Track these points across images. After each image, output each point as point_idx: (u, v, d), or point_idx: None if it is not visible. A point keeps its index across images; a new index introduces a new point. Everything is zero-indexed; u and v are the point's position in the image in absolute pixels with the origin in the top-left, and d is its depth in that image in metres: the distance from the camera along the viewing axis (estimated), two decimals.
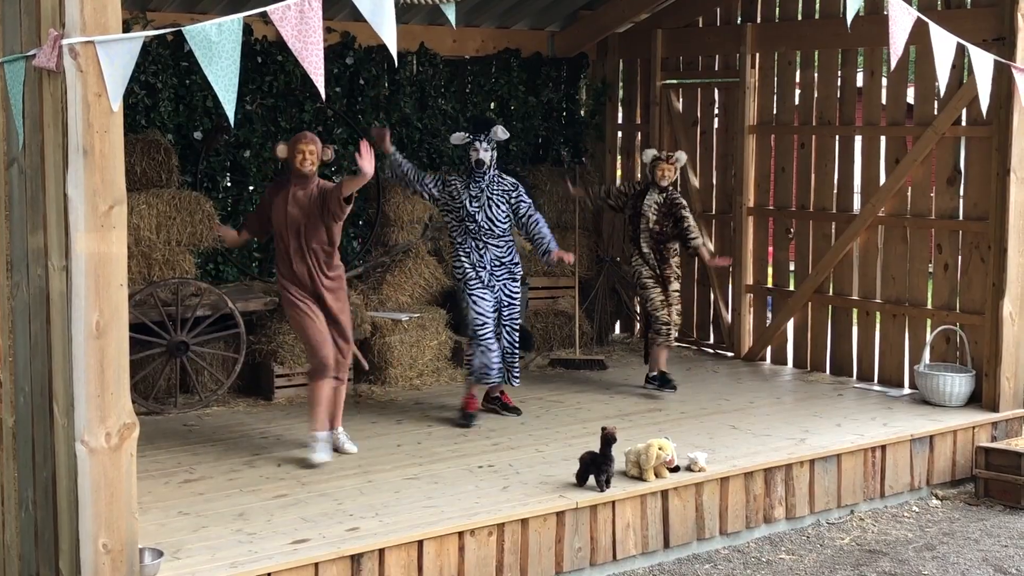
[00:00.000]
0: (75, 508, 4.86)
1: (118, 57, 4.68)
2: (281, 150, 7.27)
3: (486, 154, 8.11)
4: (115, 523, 4.91)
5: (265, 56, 9.62)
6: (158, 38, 8.99)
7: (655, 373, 9.06)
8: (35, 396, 5.12)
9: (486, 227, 8.13)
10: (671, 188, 9.03)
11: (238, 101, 9.38)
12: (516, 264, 8.34)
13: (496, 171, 8.23)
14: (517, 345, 8.38)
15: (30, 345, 5.11)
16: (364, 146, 6.84)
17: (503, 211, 8.18)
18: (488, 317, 8.11)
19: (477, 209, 8.11)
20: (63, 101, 4.68)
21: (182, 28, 4.70)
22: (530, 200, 8.31)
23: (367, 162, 6.78)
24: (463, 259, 8.18)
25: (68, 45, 4.63)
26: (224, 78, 4.66)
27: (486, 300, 8.13)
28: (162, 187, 8.89)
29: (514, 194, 8.22)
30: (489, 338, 8.08)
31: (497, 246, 8.20)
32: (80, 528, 4.86)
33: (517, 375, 8.46)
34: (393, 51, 4.77)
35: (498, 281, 8.22)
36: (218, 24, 4.66)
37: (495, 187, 8.18)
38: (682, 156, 9.05)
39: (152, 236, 8.73)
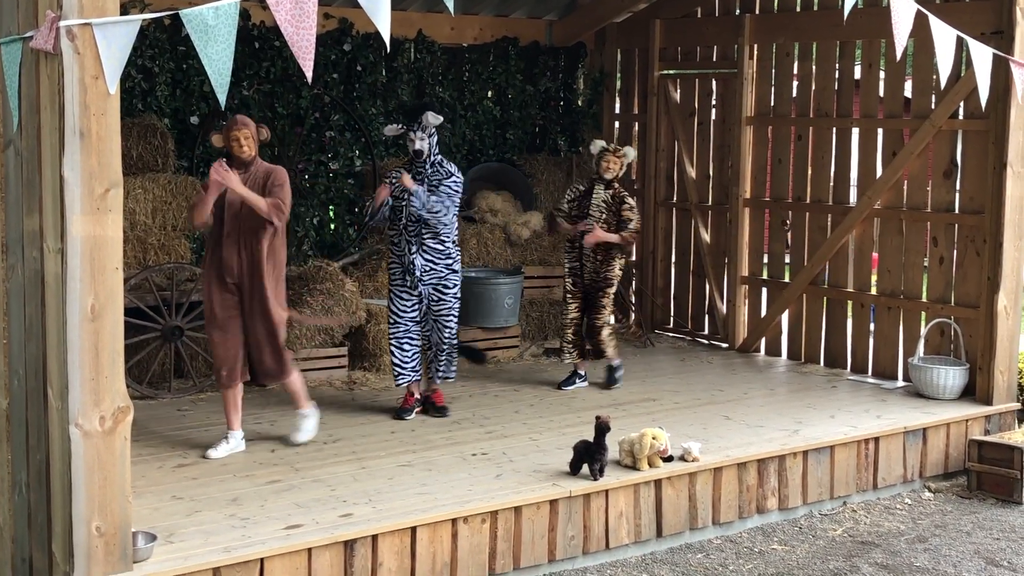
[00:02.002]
0: (69, 491, 4.87)
1: (115, 40, 4.68)
2: (217, 139, 6.96)
3: (423, 143, 7.66)
4: (108, 506, 4.92)
5: (263, 42, 9.60)
6: (156, 22, 8.97)
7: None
8: (29, 379, 5.12)
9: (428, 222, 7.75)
10: (617, 184, 8.66)
11: (235, 86, 9.40)
12: (453, 260, 7.92)
13: (439, 159, 7.79)
14: (448, 342, 7.98)
15: (25, 328, 5.11)
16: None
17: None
18: (403, 316, 7.86)
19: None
20: (60, 83, 4.68)
21: (179, 12, 4.69)
22: (458, 191, 7.81)
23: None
24: (395, 255, 7.84)
25: (65, 27, 4.62)
26: (218, 62, 4.66)
27: (403, 300, 7.84)
28: (158, 171, 8.88)
29: (447, 181, 7.76)
30: (401, 337, 7.87)
31: (436, 242, 7.80)
32: (73, 511, 4.87)
33: (448, 372, 8.09)
34: (386, 37, 4.76)
35: (432, 278, 7.84)
36: (215, 8, 4.65)
37: (437, 177, 7.76)
38: (631, 152, 8.71)
39: (148, 220, 8.72)
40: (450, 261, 7.90)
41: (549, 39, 11.42)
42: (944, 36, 6.56)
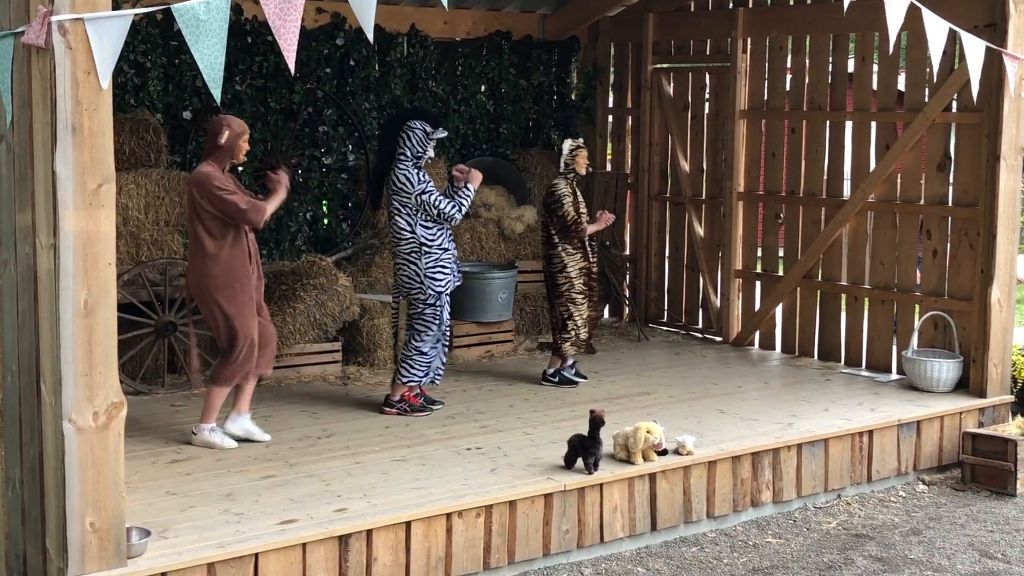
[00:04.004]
0: (62, 487, 4.86)
1: (107, 34, 4.67)
2: (226, 135, 6.85)
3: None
4: (102, 502, 4.92)
5: (255, 36, 9.59)
6: (148, 17, 8.95)
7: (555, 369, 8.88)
8: (22, 375, 5.11)
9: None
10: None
11: (228, 81, 9.38)
12: None
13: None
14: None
15: (17, 324, 5.10)
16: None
17: None
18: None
19: None
20: (52, 78, 4.66)
21: (171, 6, 4.68)
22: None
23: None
24: (446, 259, 7.76)
25: (57, 22, 4.61)
26: (210, 56, 4.66)
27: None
28: (151, 167, 8.86)
29: None
30: (439, 339, 7.91)
31: None
32: (67, 507, 4.86)
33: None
34: (368, 29, 4.76)
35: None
36: (206, 2, 4.64)
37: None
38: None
39: (140, 216, 8.70)
40: None
41: (542, 33, 11.41)
42: (937, 29, 6.56)
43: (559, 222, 8.58)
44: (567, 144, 8.66)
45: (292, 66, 4.65)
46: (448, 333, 8.02)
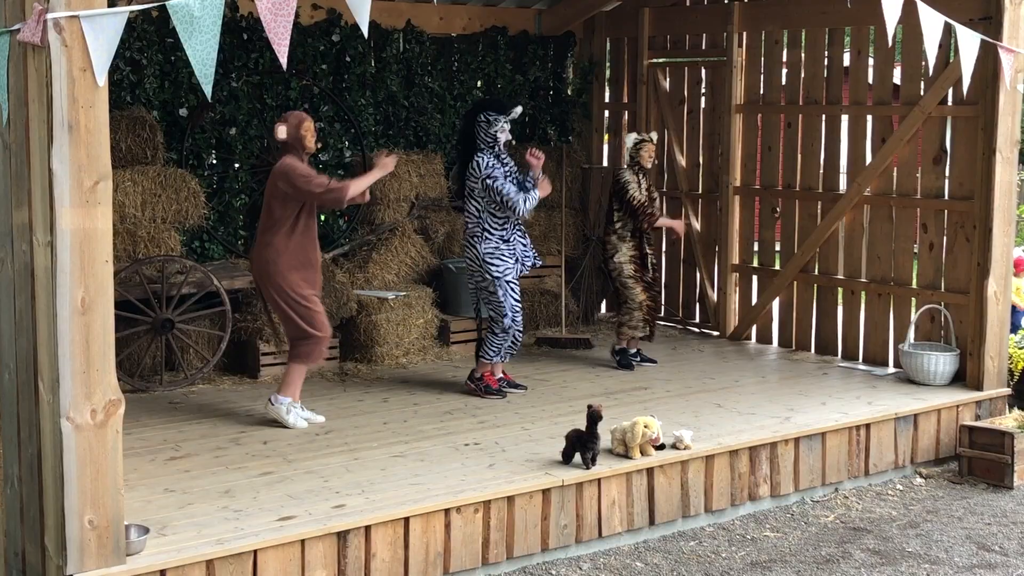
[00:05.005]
0: (61, 484, 4.86)
1: (103, 32, 4.67)
2: (282, 131, 7.27)
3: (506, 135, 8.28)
4: (101, 499, 4.92)
5: (251, 33, 9.57)
6: (143, 14, 8.95)
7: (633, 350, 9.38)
8: (20, 373, 5.11)
9: None
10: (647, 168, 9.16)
11: (224, 78, 9.37)
12: None
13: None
14: None
15: (15, 321, 5.10)
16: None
17: None
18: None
19: None
20: (48, 76, 4.66)
21: (166, 3, 4.68)
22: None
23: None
24: (505, 249, 8.13)
25: (53, 19, 4.61)
26: (203, 53, 4.66)
27: (518, 288, 8.25)
28: (147, 164, 8.85)
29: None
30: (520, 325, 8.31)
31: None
32: (66, 504, 4.87)
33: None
34: (363, 24, 4.77)
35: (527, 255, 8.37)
36: None
37: (511, 163, 8.37)
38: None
39: (137, 213, 8.69)
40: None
41: (538, 28, 11.40)
42: (932, 22, 6.57)
43: (627, 208, 8.97)
44: (631, 137, 9.10)
45: (284, 62, 4.66)
46: (516, 322, 8.22)
